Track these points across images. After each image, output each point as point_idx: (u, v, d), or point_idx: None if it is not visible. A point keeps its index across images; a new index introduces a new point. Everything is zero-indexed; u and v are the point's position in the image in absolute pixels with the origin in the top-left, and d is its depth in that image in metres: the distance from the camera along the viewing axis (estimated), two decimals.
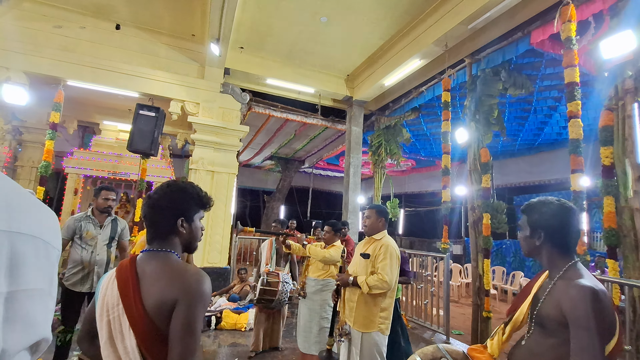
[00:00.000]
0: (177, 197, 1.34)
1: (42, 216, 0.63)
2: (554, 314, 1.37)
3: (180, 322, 1.13)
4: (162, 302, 1.15)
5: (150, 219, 1.33)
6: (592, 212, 9.01)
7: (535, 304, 1.49)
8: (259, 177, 16.68)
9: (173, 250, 1.31)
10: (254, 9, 5.94)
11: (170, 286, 1.18)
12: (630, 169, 3.55)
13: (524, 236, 1.57)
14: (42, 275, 0.59)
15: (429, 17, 5.72)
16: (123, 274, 1.25)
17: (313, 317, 3.77)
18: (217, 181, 7.05)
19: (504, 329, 1.62)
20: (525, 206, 1.60)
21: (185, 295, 1.16)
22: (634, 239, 3.45)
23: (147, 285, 1.20)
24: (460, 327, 6.39)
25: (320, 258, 3.80)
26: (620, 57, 3.66)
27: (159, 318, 1.15)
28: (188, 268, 1.26)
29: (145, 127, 5.91)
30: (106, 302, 1.22)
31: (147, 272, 1.24)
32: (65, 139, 9.66)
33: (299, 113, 8.52)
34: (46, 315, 0.60)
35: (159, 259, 1.27)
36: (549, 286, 1.47)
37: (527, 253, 1.60)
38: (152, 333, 1.15)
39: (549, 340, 1.40)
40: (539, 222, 1.50)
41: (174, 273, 1.22)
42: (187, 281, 1.19)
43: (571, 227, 1.48)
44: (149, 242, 1.32)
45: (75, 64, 6.14)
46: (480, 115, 5.53)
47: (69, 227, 3.49)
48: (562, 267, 1.46)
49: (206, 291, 1.21)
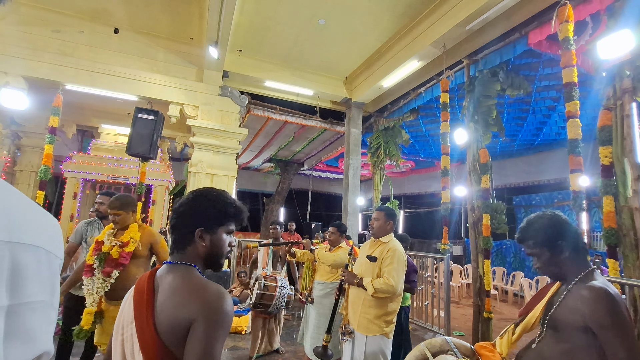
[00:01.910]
0: (198, 205, 1.21)
1: (43, 224, 0.61)
2: (571, 318, 1.36)
3: (198, 347, 0.98)
4: (176, 321, 1.02)
5: (172, 226, 1.23)
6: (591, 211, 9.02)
7: (549, 308, 1.49)
8: (258, 180, 16.66)
9: (194, 265, 1.18)
10: (252, 12, 5.95)
11: (187, 303, 1.04)
12: (629, 168, 3.55)
13: (546, 259, 1.50)
14: (44, 287, 0.58)
15: (427, 18, 5.74)
16: (140, 287, 1.14)
17: (322, 321, 3.65)
18: (216, 184, 7.03)
19: (514, 329, 1.62)
20: (524, 232, 1.56)
21: (204, 315, 1.01)
22: (634, 238, 3.45)
23: (161, 300, 1.08)
24: (461, 328, 6.38)
25: (330, 262, 3.74)
26: (617, 57, 3.67)
27: (170, 339, 1.02)
28: (208, 284, 1.11)
29: (144, 131, 5.89)
30: (122, 319, 1.12)
31: (164, 286, 1.12)
32: (64, 143, 9.65)
33: (297, 115, 8.53)
34: (48, 328, 0.58)
35: (177, 272, 1.15)
36: (564, 292, 1.47)
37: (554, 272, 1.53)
38: (162, 357, 1.01)
39: (561, 346, 1.39)
40: (551, 237, 1.48)
41: (192, 288, 1.09)
42: (207, 299, 1.05)
43: (575, 227, 1.50)
44: (170, 252, 1.22)
45: (74, 68, 6.15)
46: (478, 116, 5.53)
47: (77, 231, 3.47)
48: (579, 273, 1.46)
49: (228, 311, 1.05)
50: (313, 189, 16.13)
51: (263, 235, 13.17)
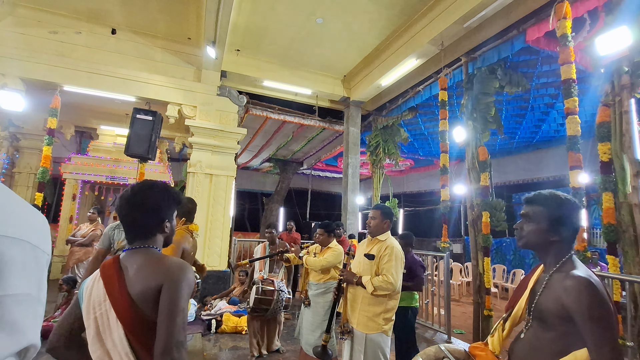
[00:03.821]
0: (162, 199, 1.37)
1: (30, 219, 0.61)
2: (554, 308, 1.36)
3: (167, 304, 1.18)
4: (147, 289, 1.20)
5: (135, 220, 1.34)
6: (591, 208, 9.02)
7: (533, 297, 1.48)
8: (258, 180, 16.64)
9: (155, 246, 1.36)
10: (250, 11, 5.94)
11: (154, 273, 1.24)
12: (628, 165, 3.56)
13: (537, 229, 1.49)
14: (30, 280, 0.58)
15: (425, 16, 5.73)
16: (107, 271, 1.28)
17: (316, 319, 3.71)
18: (216, 184, 7.03)
19: (503, 325, 1.61)
20: (544, 198, 1.51)
21: (170, 279, 1.21)
22: (633, 235, 3.45)
23: (132, 276, 1.25)
24: (461, 325, 6.38)
25: (318, 268, 3.78)
26: (615, 53, 3.67)
27: (145, 305, 1.20)
28: (170, 258, 1.32)
29: (143, 131, 5.89)
30: (92, 301, 1.24)
31: (131, 265, 1.28)
32: (62, 144, 9.64)
33: (296, 115, 8.52)
34: (34, 322, 0.59)
35: (141, 254, 1.31)
36: (545, 280, 1.46)
37: (532, 246, 1.53)
38: (139, 320, 1.19)
39: (548, 334, 1.39)
40: (560, 218, 1.46)
41: (157, 262, 1.28)
42: (171, 267, 1.25)
43: (580, 223, 1.49)
44: (130, 241, 1.34)
45: (72, 69, 6.13)
46: (477, 113, 5.53)
47: (105, 236, 3.33)
48: (559, 260, 1.45)
49: (189, 276, 1.26)
50: (312, 188, 16.11)
51: (262, 235, 13.16)
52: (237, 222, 13.10)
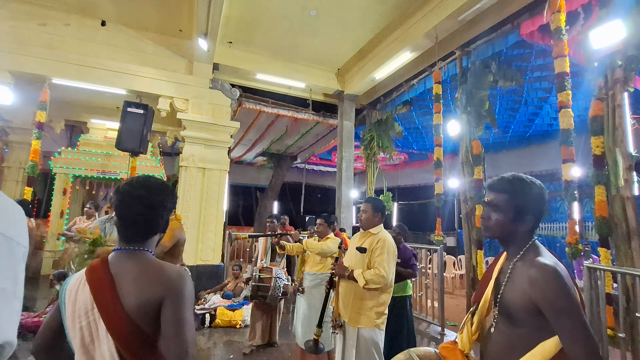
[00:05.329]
0: (167, 193, 1.28)
1: (4, 211, 0.58)
2: (520, 302, 1.27)
3: (173, 320, 1.09)
4: (145, 302, 1.10)
5: (138, 216, 1.21)
6: (583, 201, 9.10)
7: (498, 289, 1.40)
8: (252, 174, 16.56)
9: (149, 249, 1.25)
10: (242, 3, 5.85)
11: (153, 284, 1.14)
12: (620, 158, 3.58)
13: (502, 219, 1.39)
14: (3, 274, 0.55)
15: (419, 9, 5.69)
16: (95, 276, 1.16)
17: (312, 312, 3.70)
18: (209, 178, 6.98)
19: (471, 319, 1.53)
20: (506, 183, 1.43)
21: (171, 292, 1.12)
22: (626, 228, 3.48)
23: (125, 285, 1.13)
24: (455, 318, 6.42)
25: (318, 250, 3.79)
26: (609, 47, 3.68)
27: (141, 319, 1.10)
28: (167, 266, 1.22)
29: (134, 125, 5.82)
30: (77, 308, 1.13)
31: (123, 272, 1.16)
32: (52, 138, 9.49)
33: (290, 108, 8.46)
34: (10, 317, 0.56)
35: (134, 258, 1.20)
36: (508, 269, 1.38)
37: (496, 236, 1.44)
38: (134, 335, 1.09)
39: (517, 330, 1.31)
40: (527, 207, 1.37)
41: (155, 272, 1.18)
42: (171, 278, 1.16)
43: (545, 207, 1.41)
44: (127, 241, 1.22)
45: (61, 62, 6.03)
46: (471, 107, 5.53)
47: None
48: (522, 247, 1.38)
49: (190, 284, 1.19)
50: (306, 182, 16.07)
51: (257, 229, 13.13)
52: (230, 217, 13.03)
